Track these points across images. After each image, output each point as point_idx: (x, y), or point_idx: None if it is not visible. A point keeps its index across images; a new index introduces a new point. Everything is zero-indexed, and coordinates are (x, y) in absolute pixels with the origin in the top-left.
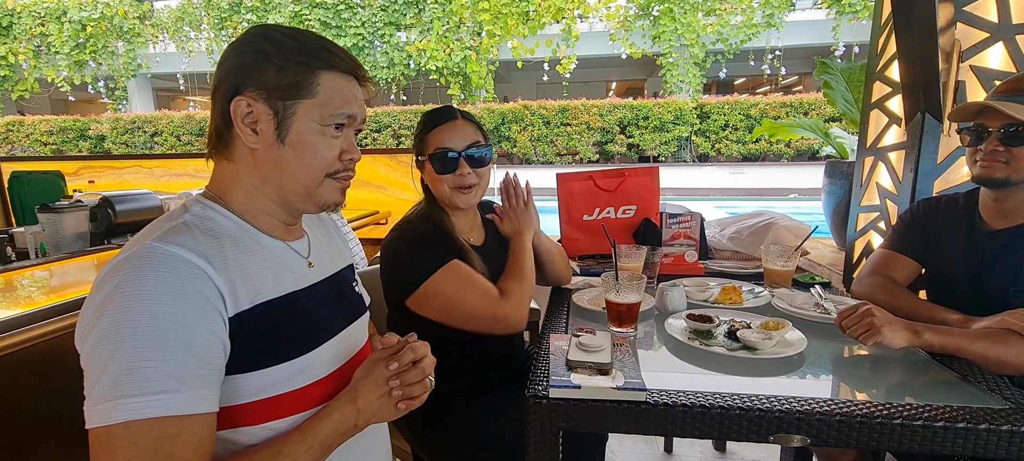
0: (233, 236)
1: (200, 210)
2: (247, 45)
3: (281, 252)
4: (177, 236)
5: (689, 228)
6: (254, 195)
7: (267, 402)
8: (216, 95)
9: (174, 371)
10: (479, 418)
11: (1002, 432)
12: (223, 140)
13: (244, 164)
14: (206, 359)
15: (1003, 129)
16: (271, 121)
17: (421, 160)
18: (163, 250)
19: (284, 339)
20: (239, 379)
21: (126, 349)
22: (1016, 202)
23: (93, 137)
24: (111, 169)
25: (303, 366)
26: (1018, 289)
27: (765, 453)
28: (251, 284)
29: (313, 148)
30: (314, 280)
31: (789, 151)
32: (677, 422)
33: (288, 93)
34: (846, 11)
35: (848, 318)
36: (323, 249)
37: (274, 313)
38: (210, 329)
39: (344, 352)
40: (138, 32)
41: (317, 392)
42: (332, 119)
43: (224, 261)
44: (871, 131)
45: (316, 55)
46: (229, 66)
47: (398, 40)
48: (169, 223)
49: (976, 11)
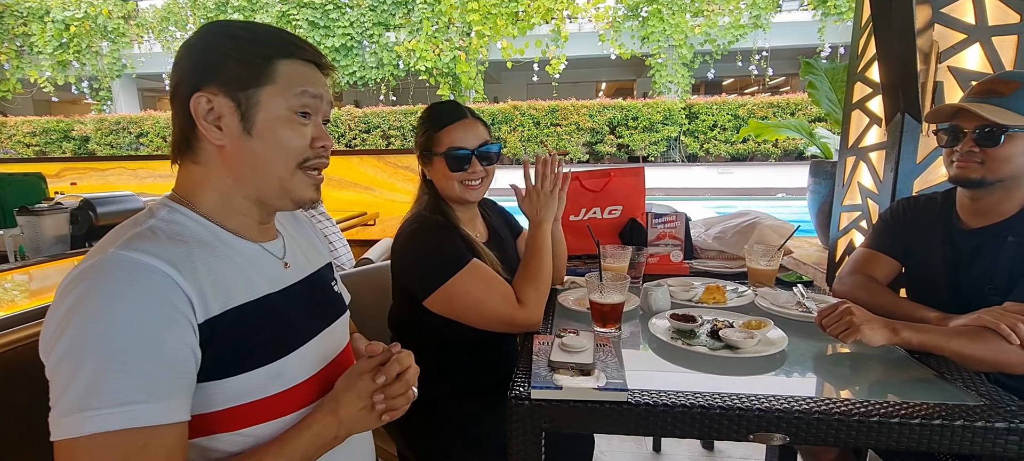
0: (202, 240)
1: (167, 214)
2: (201, 43)
3: (254, 254)
4: (142, 243)
5: (674, 228)
6: (227, 196)
7: (244, 408)
8: (175, 98)
9: (142, 381)
10: (472, 419)
11: (976, 428)
12: (188, 142)
13: (213, 165)
14: (175, 368)
15: (977, 130)
16: (234, 114)
17: (429, 157)
18: (127, 258)
19: (259, 343)
20: (213, 386)
21: (92, 361)
22: (991, 201)
23: (77, 138)
24: (94, 171)
25: (280, 370)
26: (994, 287)
27: (752, 451)
28: (222, 289)
29: (282, 137)
30: (290, 281)
31: (776, 151)
32: (658, 422)
33: (247, 82)
34: (831, 12)
35: (828, 317)
36: (299, 249)
37: (248, 317)
38: (179, 337)
39: (324, 355)
40: (123, 32)
41: (296, 397)
42: (299, 103)
43: (193, 266)
44: (853, 131)
45: (274, 45)
46: (185, 66)
47: (387, 40)
48: (133, 229)
49: (953, 13)
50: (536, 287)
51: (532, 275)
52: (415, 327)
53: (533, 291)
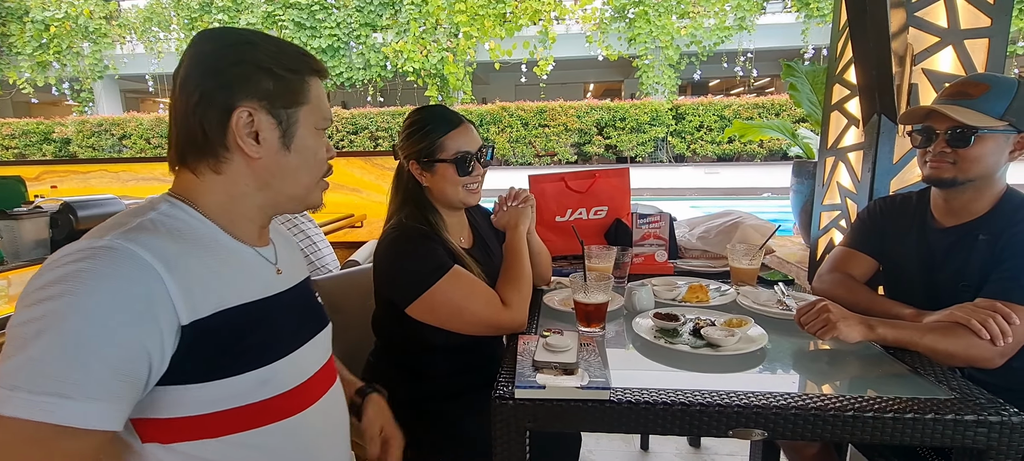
0: (200, 239)
1: (168, 208)
2: (231, 55)
3: (250, 258)
4: (140, 234)
5: (659, 228)
6: (239, 201)
7: (229, 413)
8: (203, 106)
9: (78, 377)
10: (458, 419)
11: (946, 421)
12: (211, 151)
13: (236, 173)
14: (121, 371)
15: (949, 131)
16: (275, 129)
17: (431, 163)
18: (123, 247)
19: (248, 347)
20: (200, 388)
21: (43, 339)
22: (964, 201)
23: (58, 140)
24: (75, 173)
25: (267, 376)
26: (966, 283)
27: (738, 448)
28: (214, 289)
29: (313, 151)
30: (282, 288)
31: (762, 151)
32: (640, 419)
33: (289, 101)
34: (814, 14)
35: (806, 314)
36: (288, 258)
37: (238, 320)
38: (139, 339)
39: (309, 365)
40: (104, 32)
41: (281, 405)
42: (324, 123)
43: (186, 265)
44: (832, 132)
45: (301, 61)
46: (215, 76)
47: (374, 41)
48: (135, 219)
49: (927, 16)
50: (518, 289)
51: (513, 278)
52: (399, 332)
53: (516, 293)
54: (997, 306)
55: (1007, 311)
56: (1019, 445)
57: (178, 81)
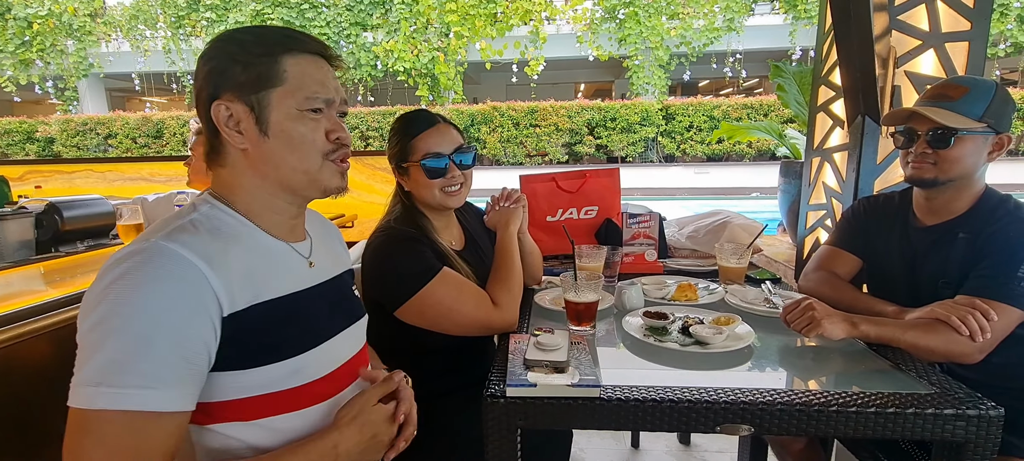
0: (237, 235)
1: (208, 209)
2: (213, 52)
3: (283, 252)
4: (182, 235)
5: (649, 227)
6: (256, 195)
7: (262, 398)
8: (198, 107)
9: (153, 368)
10: (450, 418)
11: (927, 415)
12: (215, 149)
13: (239, 167)
14: (188, 359)
15: (930, 133)
16: (250, 117)
17: (405, 167)
18: (167, 248)
19: (281, 339)
20: (234, 375)
21: (116, 339)
22: (944, 200)
23: (41, 140)
24: (60, 173)
25: (298, 366)
26: (947, 281)
27: (727, 444)
28: (251, 284)
29: (297, 135)
30: (315, 282)
31: (750, 151)
32: (630, 416)
33: (258, 85)
34: (801, 16)
35: (791, 312)
36: (325, 252)
37: (272, 313)
38: (197, 332)
39: (341, 354)
40: (89, 30)
41: (311, 392)
42: (308, 104)
43: (226, 261)
44: (817, 133)
45: (276, 42)
46: (202, 76)
47: (364, 41)
48: (177, 221)
49: (909, 20)
50: (508, 289)
51: (503, 278)
52: (388, 334)
53: (506, 293)
54: (976, 303)
55: (985, 308)
56: (996, 437)
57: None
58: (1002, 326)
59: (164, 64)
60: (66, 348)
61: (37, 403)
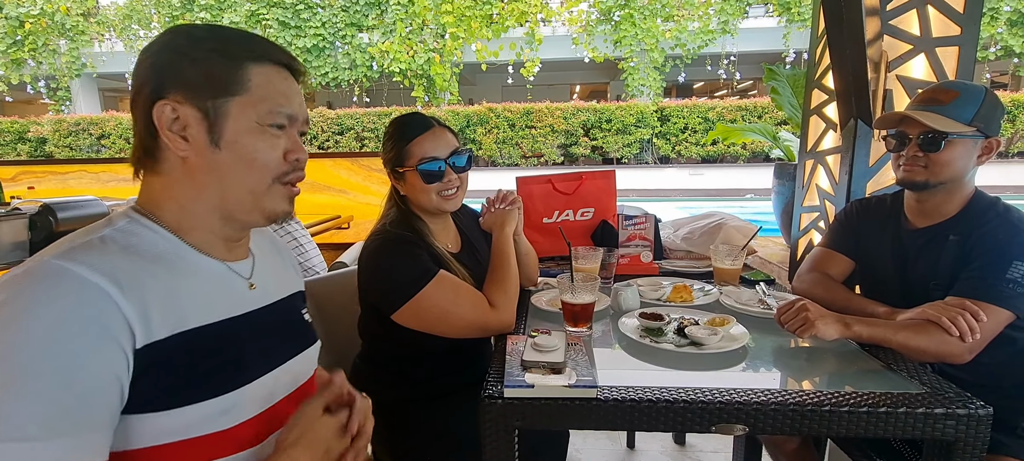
0: (160, 254)
1: (126, 225)
2: (160, 45)
3: (218, 273)
4: (85, 253)
5: (644, 229)
6: (188, 209)
7: (185, 444)
8: (136, 104)
9: (41, 411)
10: (447, 419)
11: (917, 414)
12: (149, 152)
13: (175, 175)
14: (90, 400)
15: (921, 136)
16: (201, 123)
17: (401, 171)
18: (61, 268)
19: (208, 372)
20: (152, 418)
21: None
22: (935, 203)
23: (33, 140)
24: (53, 174)
25: (229, 405)
26: (937, 282)
27: (722, 444)
28: (173, 309)
29: (252, 150)
30: (255, 306)
31: (745, 153)
32: (627, 416)
33: (216, 90)
34: (795, 19)
35: (785, 313)
36: (271, 272)
37: (198, 342)
38: (104, 364)
39: (282, 387)
40: (82, 30)
41: (242, 434)
42: (271, 118)
43: (139, 283)
44: (811, 135)
45: (241, 46)
46: (146, 70)
47: (360, 41)
48: (83, 238)
49: (900, 25)
50: (504, 290)
51: (500, 279)
52: (385, 336)
53: (502, 294)
54: (966, 304)
55: (975, 309)
56: (985, 436)
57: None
58: (991, 327)
59: None
60: None
61: None
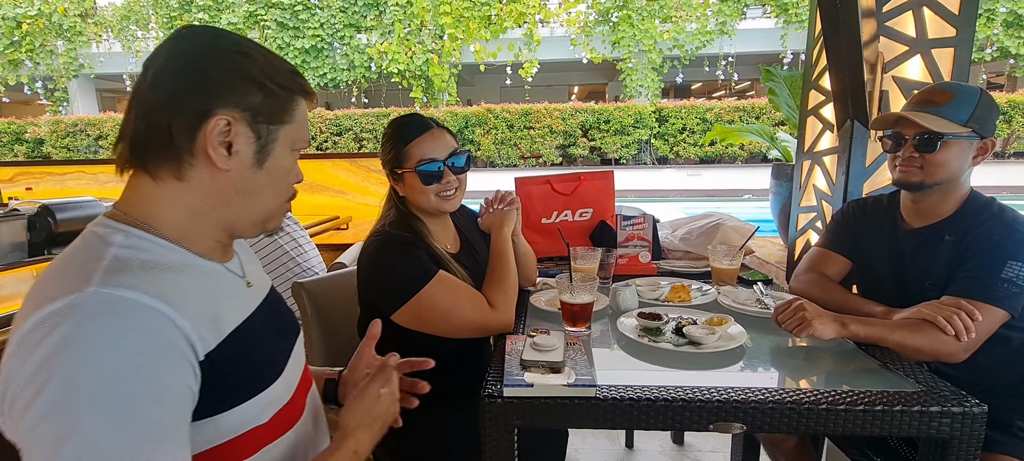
0: (175, 266)
1: (124, 239)
2: (220, 59)
3: (224, 276)
4: (121, 277)
5: (642, 230)
6: (198, 217)
7: (240, 439)
8: (170, 104)
9: (150, 431)
10: (448, 418)
11: (913, 412)
12: (173, 156)
13: (198, 184)
14: (179, 414)
15: (917, 137)
16: (251, 144)
17: (400, 173)
18: (114, 296)
19: (250, 372)
20: (214, 421)
21: (88, 418)
22: (931, 203)
23: (30, 141)
24: (51, 175)
25: (271, 397)
26: (933, 282)
27: (720, 444)
28: (210, 317)
29: (284, 172)
30: (256, 303)
31: (742, 154)
32: (625, 415)
33: (272, 117)
34: (793, 20)
35: (783, 313)
36: (251, 267)
37: (237, 345)
38: (181, 379)
39: (293, 377)
40: (79, 30)
41: (285, 417)
42: (301, 145)
43: (183, 298)
44: (808, 136)
45: (292, 78)
46: (192, 77)
47: (358, 42)
48: (99, 261)
49: (896, 26)
50: (503, 290)
51: (499, 279)
52: (385, 338)
53: (501, 294)
54: (961, 303)
55: (970, 308)
56: (980, 434)
57: (150, 73)
58: (986, 326)
59: None
60: None
61: None
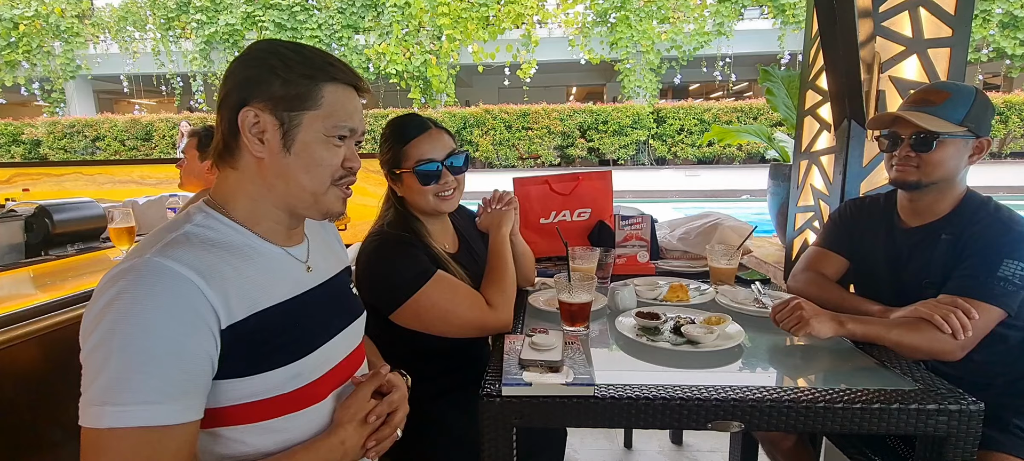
0: (232, 244)
1: (202, 219)
2: (253, 59)
3: (280, 258)
4: (176, 250)
5: (641, 230)
6: (258, 202)
7: (265, 402)
8: (223, 106)
9: (159, 384)
10: (446, 418)
11: (910, 410)
12: (229, 149)
13: (249, 172)
14: (191, 372)
15: (913, 137)
16: (277, 131)
17: (398, 173)
18: (160, 265)
19: (280, 345)
20: (237, 382)
21: (118, 358)
22: (928, 202)
23: (27, 142)
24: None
25: (298, 370)
26: (930, 281)
27: (718, 443)
28: (248, 293)
29: (317, 157)
30: (312, 285)
31: (740, 154)
32: (623, 414)
33: (293, 105)
34: (790, 21)
35: (780, 312)
36: (322, 254)
37: (270, 321)
38: (199, 344)
39: (338, 353)
40: (77, 32)
41: (308, 394)
42: (335, 131)
43: (221, 273)
44: (805, 136)
45: (319, 67)
46: (236, 79)
47: (356, 43)
48: (170, 234)
49: (893, 26)
50: (502, 290)
51: (497, 279)
52: (384, 338)
53: (500, 294)
54: (958, 302)
55: (967, 307)
56: (977, 431)
57: (224, 82)
58: (983, 324)
59: (153, 66)
60: (56, 352)
61: (27, 408)
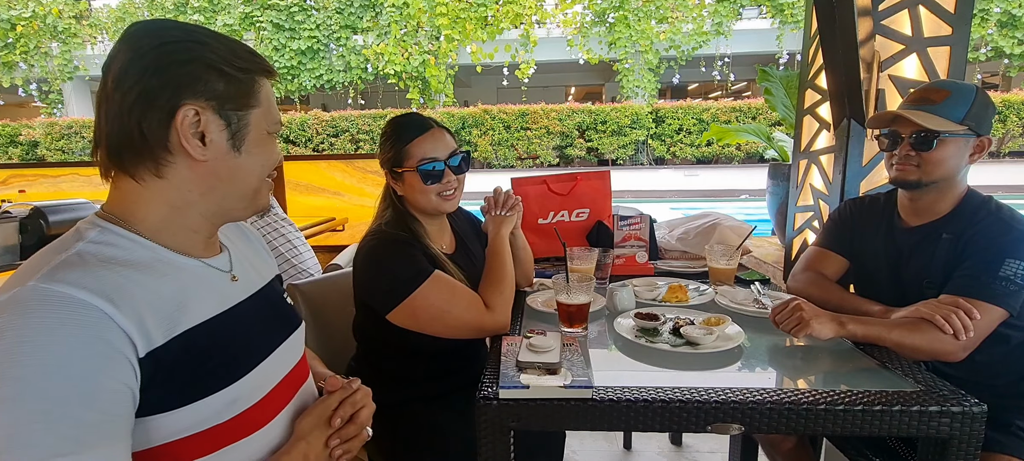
0: (140, 262)
1: (98, 235)
2: (179, 52)
3: (198, 271)
4: (68, 273)
5: (639, 230)
6: (180, 211)
7: (197, 437)
8: (138, 105)
9: (69, 430)
10: (442, 420)
11: (912, 412)
12: (151, 155)
13: (179, 179)
14: (108, 412)
15: (913, 136)
16: (223, 131)
17: (400, 172)
18: (52, 292)
19: (211, 369)
20: (165, 417)
21: (9, 411)
22: (928, 201)
23: (24, 143)
24: (45, 177)
25: (235, 395)
26: (931, 281)
27: (718, 445)
28: (165, 315)
29: (264, 154)
30: (240, 297)
31: (739, 154)
32: (622, 416)
33: (239, 103)
34: (788, 20)
35: (780, 313)
36: (247, 262)
37: (197, 342)
38: (116, 377)
39: (278, 372)
40: (74, 32)
41: (251, 418)
42: (275, 127)
43: (130, 295)
44: (805, 136)
45: (253, 62)
46: (156, 75)
47: (354, 43)
48: (58, 255)
49: (892, 25)
50: (500, 291)
51: (496, 280)
52: (380, 337)
53: (498, 295)
54: (959, 302)
55: (969, 307)
56: (979, 433)
57: (111, 76)
58: (985, 325)
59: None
60: None
61: None
